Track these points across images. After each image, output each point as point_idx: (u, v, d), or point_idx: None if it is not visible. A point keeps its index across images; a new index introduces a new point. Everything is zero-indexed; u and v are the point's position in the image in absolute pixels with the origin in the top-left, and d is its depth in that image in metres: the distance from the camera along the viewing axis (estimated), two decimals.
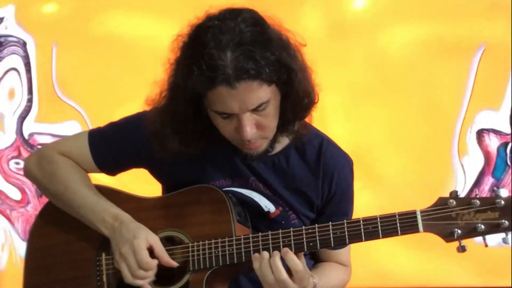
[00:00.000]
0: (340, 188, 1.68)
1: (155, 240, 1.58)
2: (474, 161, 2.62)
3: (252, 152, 1.57)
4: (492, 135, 2.63)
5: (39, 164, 1.73)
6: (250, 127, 1.48)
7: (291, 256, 1.49)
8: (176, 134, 1.56)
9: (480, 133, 2.63)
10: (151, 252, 1.57)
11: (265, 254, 1.51)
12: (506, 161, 2.60)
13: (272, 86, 1.47)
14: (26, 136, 2.92)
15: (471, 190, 2.58)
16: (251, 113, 1.47)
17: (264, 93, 1.45)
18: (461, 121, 2.62)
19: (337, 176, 1.67)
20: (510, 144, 2.60)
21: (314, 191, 1.67)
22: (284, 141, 1.66)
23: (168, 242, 1.61)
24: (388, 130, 2.66)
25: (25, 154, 2.89)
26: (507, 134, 2.61)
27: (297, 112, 1.56)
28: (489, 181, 2.62)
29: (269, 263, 1.49)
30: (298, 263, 1.48)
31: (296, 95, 1.51)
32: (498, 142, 2.61)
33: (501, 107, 2.60)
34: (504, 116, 2.60)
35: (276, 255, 1.49)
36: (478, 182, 2.62)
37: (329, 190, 1.67)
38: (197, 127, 1.56)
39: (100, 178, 1.79)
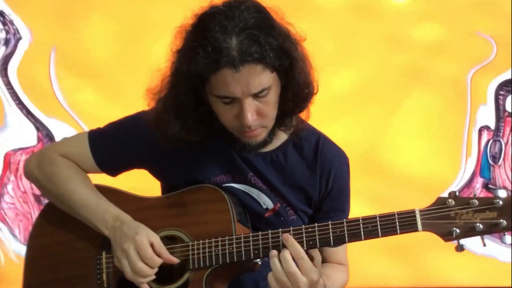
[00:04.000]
0: (337, 184, 1.69)
1: (155, 238, 1.58)
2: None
3: (251, 140, 1.58)
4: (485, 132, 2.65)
5: (40, 165, 1.73)
6: (251, 113, 1.49)
7: (292, 242, 1.47)
8: (178, 119, 1.57)
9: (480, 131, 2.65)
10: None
11: (274, 251, 1.50)
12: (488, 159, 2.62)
13: (273, 74, 1.49)
14: None
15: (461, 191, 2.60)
16: (252, 99, 1.49)
17: (266, 79, 1.47)
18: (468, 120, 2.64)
19: (334, 172, 1.68)
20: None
21: (312, 186, 1.68)
22: (282, 137, 1.67)
23: (168, 241, 1.62)
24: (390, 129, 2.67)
25: None
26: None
27: (297, 102, 1.58)
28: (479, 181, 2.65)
29: (278, 257, 1.48)
30: (300, 249, 1.47)
31: (296, 84, 1.53)
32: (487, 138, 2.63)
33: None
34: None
35: (286, 250, 1.49)
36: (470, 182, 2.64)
37: (326, 186, 1.68)
38: (198, 114, 1.57)
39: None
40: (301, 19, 1.55)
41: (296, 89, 1.54)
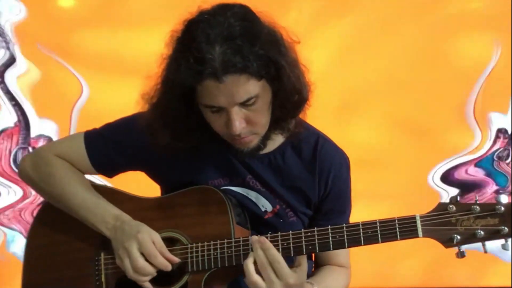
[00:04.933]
0: (336, 185, 1.67)
1: (156, 237, 1.57)
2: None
3: (242, 147, 1.57)
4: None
5: (35, 166, 1.72)
6: (239, 121, 1.48)
7: (268, 246, 1.47)
8: (167, 128, 1.55)
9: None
10: None
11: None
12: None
13: (262, 82, 1.46)
14: None
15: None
16: (240, 107, 1.47)
17: (252, 88, 1.45)
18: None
19: (333, 173, 1.66)
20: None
21: (311, 188, 1.66)
22: (278, 139, 1.65)
23: (167, 242, 1.60)
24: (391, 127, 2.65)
25: None
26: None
27: (287, 109, 1.55)
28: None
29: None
30: (275, 254, 1.46)
31: (284, 91, 1.50)
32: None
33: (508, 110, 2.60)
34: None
35: (249, 257, 1.49)
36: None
37: (325, 187, 1.67)
38: (190, 121, 1.56)
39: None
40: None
41: (285, 96, 1.51)
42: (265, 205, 1.66)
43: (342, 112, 2.63)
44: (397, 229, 1.44)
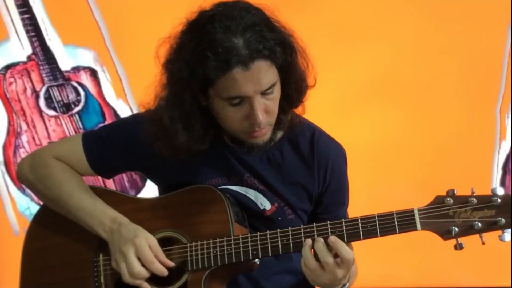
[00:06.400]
0: (335, 177, 1.69)
1: (152, 240, 1.58)
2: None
3: (258, 140, 1.58)
4: None
5: (33, 168, 1.72)
6: (261, 111, 1.49)
7: (341, 244, 1.46)
8: (185, 129, 1.55)
9: None
10: None
11: (309, 241, 1.49)
12: None
13: (276, 69, 1.49)
14: None
15: None
16: (260, 96, 1.49)
17: (273, 74, 1.49)
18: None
19: (331, 165, 1.68)
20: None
21: (311, 182, 1.67)
22: (277, 135, 1.67)
23: (166, 242, 1.61)
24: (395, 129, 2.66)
25: None
26: None
27: (298, 96, 1.58)
28: None
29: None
30: (349, 251, 1.46)
31: (298, 77, 1.55)
32: None
33: None
34: None
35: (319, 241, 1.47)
36: None
37: (324, 180, 1.68)
38: (202, 122, 1.57)
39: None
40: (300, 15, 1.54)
41: (298, 82, 1.55)
42: (263, 203, 1.67)
43: (339, 110, 2.64)
44: (396, 222, 1.45)
